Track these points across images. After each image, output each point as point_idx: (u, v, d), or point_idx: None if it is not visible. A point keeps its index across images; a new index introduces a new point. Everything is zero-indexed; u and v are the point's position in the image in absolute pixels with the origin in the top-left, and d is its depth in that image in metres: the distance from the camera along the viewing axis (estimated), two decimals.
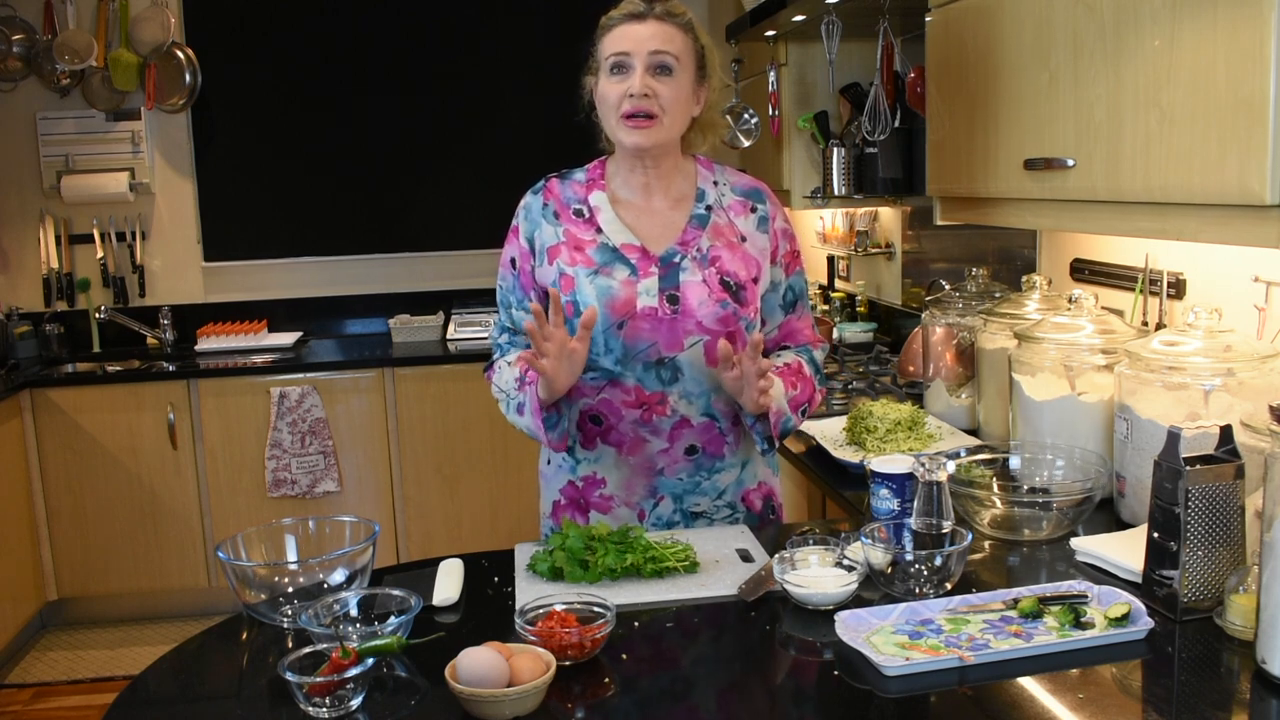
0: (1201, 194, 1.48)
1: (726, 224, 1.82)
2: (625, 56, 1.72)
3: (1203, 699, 1.25)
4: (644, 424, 1.80)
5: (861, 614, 1.40)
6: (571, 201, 1.83)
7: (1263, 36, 1.34)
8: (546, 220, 1.82)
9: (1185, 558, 1.38)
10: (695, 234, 1.80)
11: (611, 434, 1.82)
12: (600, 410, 1.81)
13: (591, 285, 1.75)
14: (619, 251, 1.78)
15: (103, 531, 3.99)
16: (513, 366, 1.82)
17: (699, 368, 1.78)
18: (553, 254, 1.80)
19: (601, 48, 1.77)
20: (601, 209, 1.81)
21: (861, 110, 3.13)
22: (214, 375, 4.03)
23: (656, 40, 1.72)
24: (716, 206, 1.82)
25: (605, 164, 1.87)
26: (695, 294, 1.76)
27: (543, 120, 4.53)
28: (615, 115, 1.74)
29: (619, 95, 1.73)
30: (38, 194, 4.43)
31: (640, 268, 1.77)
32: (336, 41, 4.48)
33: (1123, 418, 1.73)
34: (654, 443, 1.81)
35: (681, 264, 1.77)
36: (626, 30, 1.73)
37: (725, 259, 1.79)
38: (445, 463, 4.12)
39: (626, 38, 1.73)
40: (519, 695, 1.20)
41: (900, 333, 3.43)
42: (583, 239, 1.79)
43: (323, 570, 1.52)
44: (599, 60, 1.78)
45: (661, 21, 1.73)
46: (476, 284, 4.65)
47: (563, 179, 1.87)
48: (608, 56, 1.74)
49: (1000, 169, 2.00)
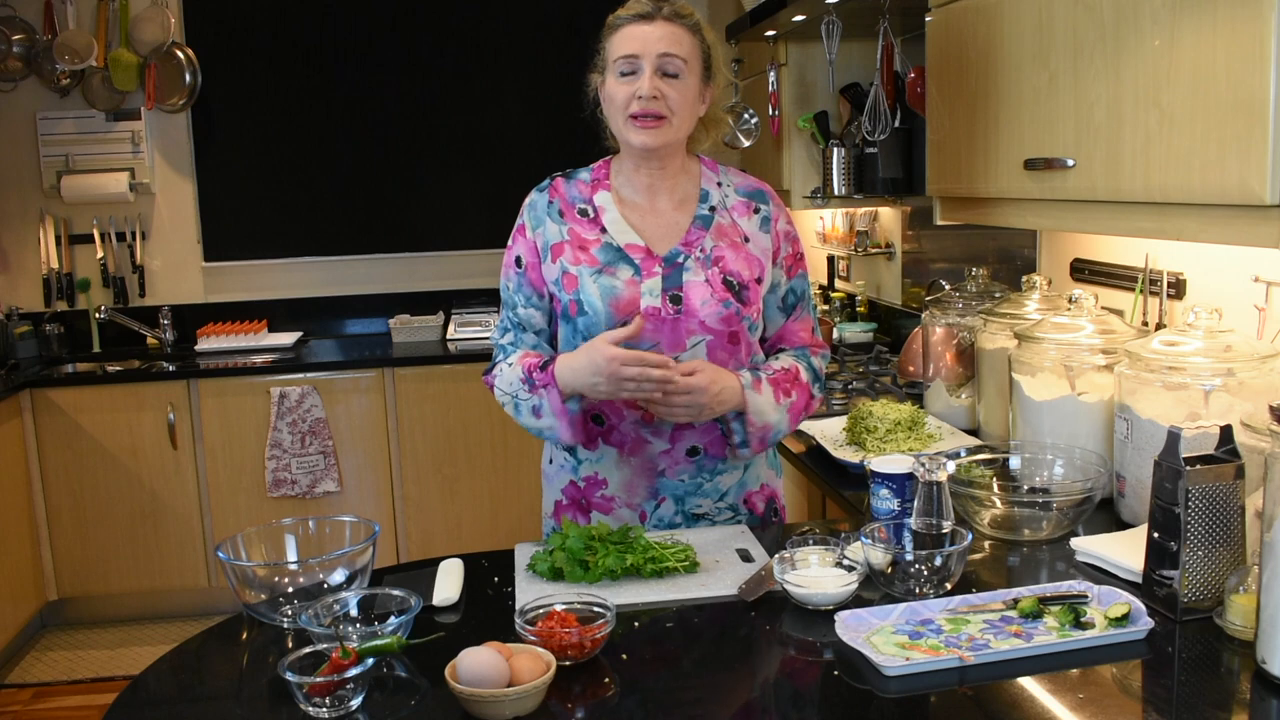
0: (1201, 194, 1.48)
1: (730, 224, 1.81)
2: (634, 59, 1.72)
3: (1203, 699, 1.25)
4: (645, 424, 1.80)
5: (861, 614, 1.40)
6: (577, 201, 1.82)
7: (1263, 36, 1.34)
8: (551, 218, 1.82)
9: (1185, 558, 1.38)
10: (699, 234, 1.79)
11: (613, 434, 1.82)
12: (602, 409, 1.81)
13: (595, 285, 1.75)
14: (623, 251, 1.77)
15: (103, 531, 3.99)
16: (514, 367, 1.81)
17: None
18: (556, 252, 1.80)
19: (609, 47, 1.76)
20: (606, 209, 1.81)
21: (861, 110, 3.13)
22: (214, 375, 4.03)
23: (665, 42, 1.71)
24: (720, 207, 1.82)
25: (610, 164, 1.86)
26: (698, 294, 1.76)
27: (543, 120, 4.53)
28: (623, 116, 1.74)
29: (627, 96, 1.72)
30: (38, 194, 4.43)
31: (644, 268, 1.76)
32: (336, 42, 4.48)
33: (1123, 418, 1.73)
34: (655, 443, 1.81)
35: (685, 264, 1.77)
36: (635, 31, 1.72)
37: (729, 259, 1.79)
38: (445, 463, 4.12)
39: (635, 39, 1.72)
40: (519, 695, 1.20)
41: (900, 333, 3.43)
42: (587, 238, 1.79)
43: (323, 570, 1.52)
44: (605, 59, 1.77)
45: (670, 23, 1.72)
46: (476, 284, 4.65)
47: (568, 178, 1.86)
48: (616, 58, 1.73)
49: (1000, 169, 2.00)
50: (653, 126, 1.73)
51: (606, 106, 1.79)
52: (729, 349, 1.79)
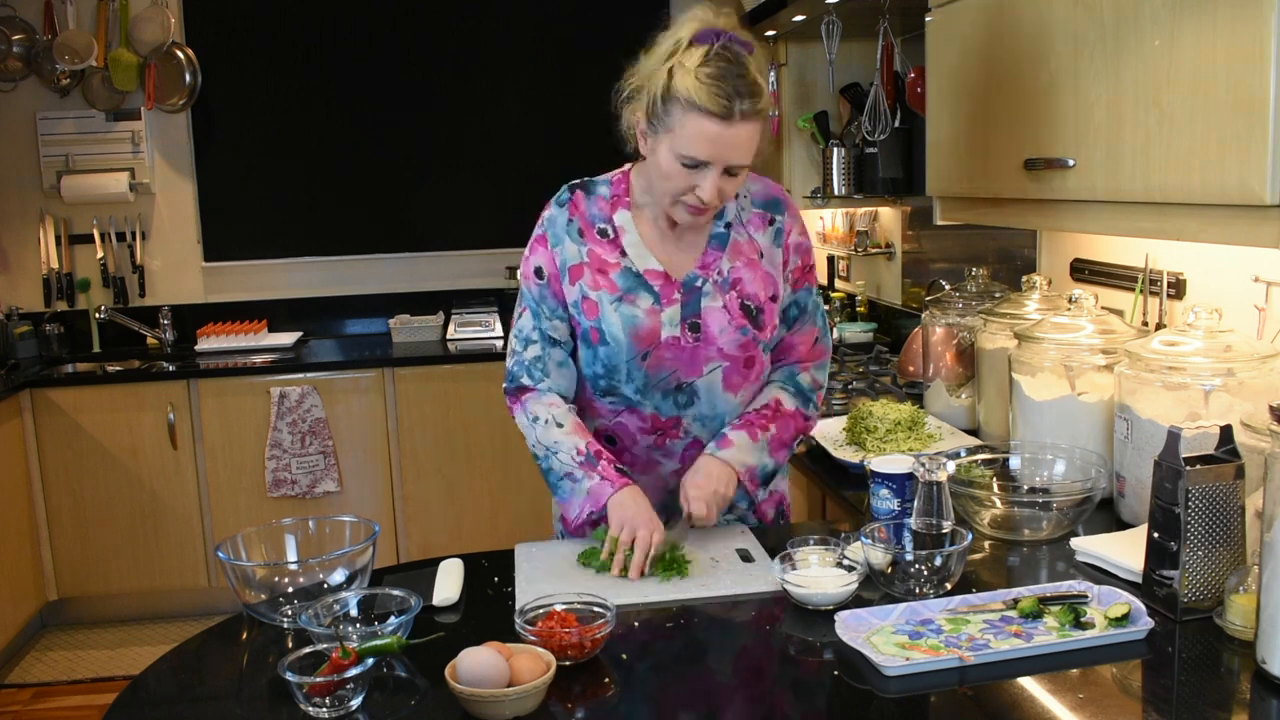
0: (1201, 194, 1.48)
1: (746, 240, 1.78)
2: (702, 161, 1.60)
3: (1203, 699, 1.25)
4: (657, 448, 1.81)
5: (861, 614, 1.40)
6: (597, 220, 1.78)
7: (1263, 37, 1.34)
8: (570, 238, 1.77)
9: (1185, 558, 1.38)
10: (715, 255, 1.76)
11: (625, 455, 1.83)
12: (615, 432, 1.82)
13: (616, 314, 1.73)
14: (642, 278, 1.74)
15: (103, 531, 3.99)
16: (568, 433, 1.74)
17: (715, 392, 1.78)
18: (575, 274, 1.77)
19: (674, 123, 1.60)
20: (626, 230, 1.77)
21: (861, 110, 3.13)
22: (214, 375, 4.03)
23: (738, 151, 1.60)
24: (736, 223, 1.78)
25: (630, 176, 1.80)
26: (716, 321, 1.74)
27: (544, 120, 4.52)
28: (672, 197, 1.66)
29: (685, 186, 1.63)
30: (38, 194, 4.43)
31: (663, 294, 1.74)
32: (336, 42, 4.48)
33: (1123, 418, 1.73)
34: (667, 464, 1.82)
35: (703, 289, 1.75)
36: (708, 131, 1.57)
37: (746, 280, 1.76)
38: (445, 463, 4.12)
39: (708, 142, 1.58)
40: (519, 695, 1.20)
41: (900, 333, 3.43)
42: (607, 261, 1.76)
43: (323, 570, 1.52)
44: (663, 126, 1.62)
45: (747, 122, 1.59)
46: (476, 284, 4.65)
47: (588, 192, 1.80)
48: (682, 153, 1.60)
49: (1000, 169, 1.99)
50: (703, 213, 1.68)
51: (654, 170, 1.68)
52: (743, 373, 1.79)
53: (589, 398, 1.83)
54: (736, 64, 1.58)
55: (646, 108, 1.64)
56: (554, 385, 1.80)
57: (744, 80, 1.58)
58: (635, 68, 1.68)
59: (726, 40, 1.60)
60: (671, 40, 1.63)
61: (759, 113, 1.60)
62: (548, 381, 1.80)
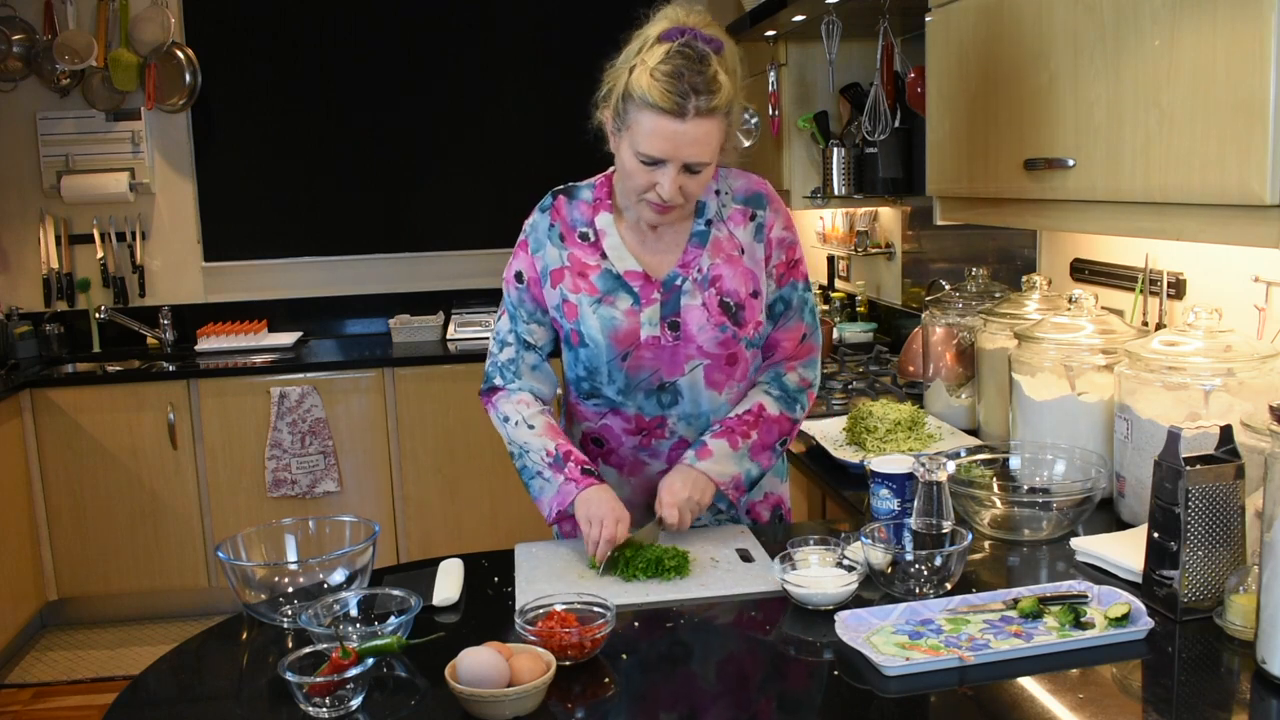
0: (1201, 194, 1.48)
1: (726, 237, 1.77)
2: (658, 159, 1.61)
3: (1203, 699, 1.25)
4: (643, 449, 1.82)
5: (861, 614, 1.40)
6: (578, 224, 1.78)
7: (1263, 36, 1.34)
8: (552, 242, 1.78)
9: (1185, 558, 1.38)
10: (695, 253, 1.76)
11: (612, 456, 1.84)
12: (601, 434, 1.83)
13: (595, 316, 1.74)
14: (622, 279, 1.75)
15: (103, 531, 3.99)
16: (538, 434, 1.77)
17: (698, 390, 1.78)
18: (556, 278, 1.77)
19: (630, 120, 1.61)
20: (607, 232, 1.77)
21: (861, 110, 3.13)
22: (214, 375, 4.03)
23: (694, 148, 1.59)
24: (716, 219, 1.77)
25: (611, 180, 1.80)
26: (695, 319, 1.74)
27: (544, 120, 4.53)
28: (636, 195, 1.67)
29: (646, 184, 1.64)
30: (38, 194, 4.43)
31: (643, 295, 1.74)
32: (336, 41, 4.48)
33: (1123, 418, 1.73)
34: (654, 465, 1.82)
35: (683, 287, 1.74)
36: (662, 128, 1.57)
37: (725, 277, 1.75)
38: (445, 463, 4.12)
39: (662, 139, 1.58)
40: (519, 695, 1.20)
41: (900, 333, 3.43)
42: (587, 264, 1.76)
43: (323, 570, 1.52)
44: (623, 123, 1.63)
45: (701, 119, 1.57)
46: (476, 284, 4.65)
47: (570, 198, 1.80)
48: (639, 151, 1.61)
49: (1000, 169, 1.99)
50: (666, 212, 1.68)
51: (619, 169, 1.69)
52: (726, 370, 1.78)
53: (574, 401, 1.85)
54: (696, 61, 1.57)
55: (613, 107, 1.65)
56: (525, 386, 1.83)
57: (701, 77, 1.57)
58: (609, 68, 1.68)
59: (690, 37, 1.59)
60: (640, 39, 1.64)
61: (714, 109, 1.58)
62: (519, 383, 1.83)
